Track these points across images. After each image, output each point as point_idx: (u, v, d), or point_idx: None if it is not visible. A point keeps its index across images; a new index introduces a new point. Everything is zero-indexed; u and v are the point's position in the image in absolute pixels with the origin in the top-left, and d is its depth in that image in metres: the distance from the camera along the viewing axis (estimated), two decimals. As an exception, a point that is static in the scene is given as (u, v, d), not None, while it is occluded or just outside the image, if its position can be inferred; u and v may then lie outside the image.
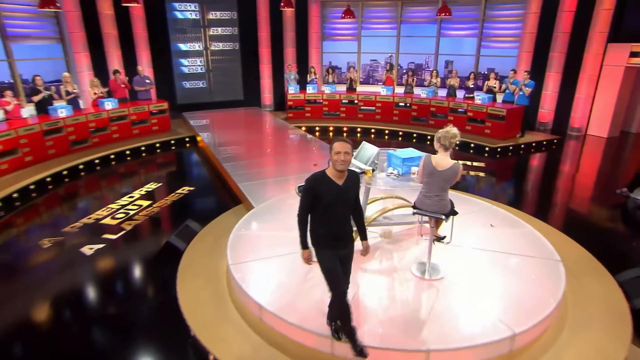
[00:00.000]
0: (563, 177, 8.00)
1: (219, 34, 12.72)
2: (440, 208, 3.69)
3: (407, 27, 13.65)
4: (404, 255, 4.23)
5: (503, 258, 4.21)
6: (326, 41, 14.09)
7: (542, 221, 5.47)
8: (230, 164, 7.15)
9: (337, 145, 2.61)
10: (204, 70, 12.81)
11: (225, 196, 6.36)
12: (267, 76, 13.31)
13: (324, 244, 2.76)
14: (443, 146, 3.59)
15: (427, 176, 3.64)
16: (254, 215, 5.15)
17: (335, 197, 2.67)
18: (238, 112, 12.44)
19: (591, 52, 10.40)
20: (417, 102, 11.18)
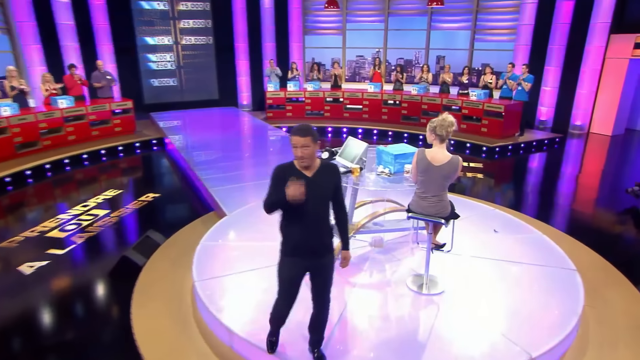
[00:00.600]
0: (567, 178, 7.96)
1: (191, 26, 12.49)
2: (439, 210, 3.45)
3: (396, 19, 13.58)
4: (397, 266, 4.05)
5: (510, 267, 4.04)
6: (308, 35, 13.96)
7: (548, 225, 5.32)
8: (201, 167, 6.97)
9: (293, 139, 2.39)
10: (174, 66, 12.60)
11: (196, 203, 6.15)
12: (245, 73, 13.09)
13: (288, 250, 2.54)
14: (439, 137, 3.36)
15: (423, 173, 3.40)
16: (226, 223, 4.93)
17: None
18: (212, 113, 12.26)
19: (593, 44, 10.41)
20: (408, 100, 11.06)
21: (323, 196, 2.52)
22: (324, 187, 2.51)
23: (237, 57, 12.86)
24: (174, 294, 3.91)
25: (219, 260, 4.12)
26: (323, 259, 2.59)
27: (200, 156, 7.63)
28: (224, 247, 4.41)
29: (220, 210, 5.38)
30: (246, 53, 12.86)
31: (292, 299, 2.66)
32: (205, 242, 4.48)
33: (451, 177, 3.38)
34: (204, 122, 10.94)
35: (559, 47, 10.76)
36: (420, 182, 3.46)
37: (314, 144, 2.41)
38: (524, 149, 9.52)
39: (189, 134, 9.59)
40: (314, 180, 2.46)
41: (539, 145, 9.80)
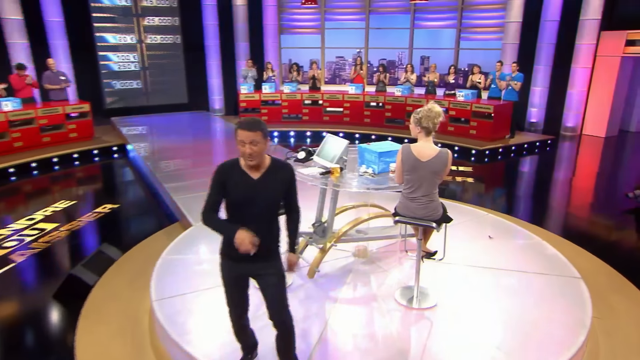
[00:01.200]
0: (562, 181, 8.02)
1: (156, 24, 12.25)
2: (430, 212, 3.29)
3: (377, 17, 13.61)
4: (384, 278, 3.90)
5: (508, 277, 3.92)
6: (285, 34, 13.86)
7: (546, 230, 5.26)
8: (166, 175, 6.80)
9: (240, 133, 2.23)
10: (138, 67, 12.30)
11: (159, 214, 6.00)
12: (216, 75, 12.91)
13: (227, 252, 2.44)
14: (425, 129, 3.23)
15: (409, 171, 3.26)
16: (193, 234, 4.74)
17: (245, 195, 2.33)
18: (181, 117, 12.05)
19: (583, 42, 10.55)
20: (391, 101, 11.02)
21: (271, 200, 2.39)
22: (273, 190, 2.37)
23: (208, 58, 12.67)
24: (128, 316, 3.63)
25: (183, 276, 3.91)
26: (266, 265, 2.44)
27: (166, 163, 7.48)
28: (189, 261, 4.20)
29: (186, 220, 5.19)
30: (217, 53, 12.68)
31: (240, 303, 2.56)
32: (167, 256, 4.26)
33: (441, 173, 3.24)
34: (171, 127, 10.73)
35: (548, 44, 10.88)
36: (408, 182, 3.31)
37: (264, 140, 2.27)
38: (515, 151, 9.55)
39: (154, 141, 9.38)
40: (261, 182, 2.34)
41: (531, 147, 9.85)
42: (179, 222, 5.39)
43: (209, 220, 2.37)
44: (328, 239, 3.89)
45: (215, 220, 2.37)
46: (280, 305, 2.48)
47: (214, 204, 2.36)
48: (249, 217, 2.32)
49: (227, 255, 2.45)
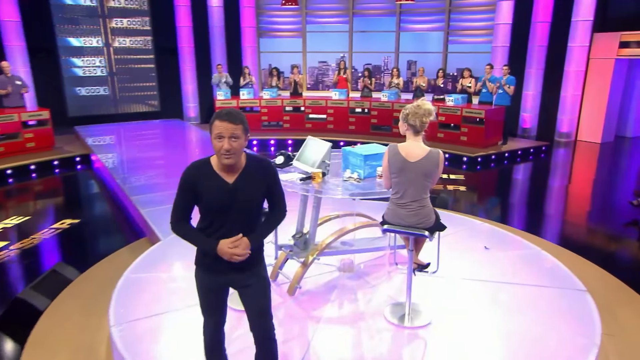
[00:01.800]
0: (558, 189, 8.06)
1: (125, 26, 12.15)
2: (421, 219, 3.17)
3: (361, 20, 13.67)
4: (372, 294, 3.78)
5: (508, 290, 3.83)
6: (264, 38, 13.84)
7: (545, 239, 5.20)
8: (133, 186, 6.69)
9: (218, 125, 2.06)
10: (105, 72, 12.18)
11: (125, 229, 5.86)
12: (190, 80, 12.79)
13: (201, 262, 2.30)
14: (412, 128, 3.14)
15: (398, 174, 3.15)
16: (160, 250, 4.60)
17: (221, 202, 2.16)
18: (152, 126, 11.94)
19: (576, 43, 10.66)
20: (377, 107, 11.00)
21: (251, 206, 2.23)
22: (252, 195, 2.20)
23: (182, 62, 12.56)
24: (82, 346, 3.37)
25: (149, 297, 3.72)
26: (250, 275, 2.30)
27: (134, 175, 7.38)
28: (155, 279, 4.01)
29: (154, 235, 5.02)
30: (192, 57, 12.58)
31: (218, 310, 2.39)
32: (130, 275, 4.06)
33: (433, 176, 3.14)
34: (141, 136, 10.59)
35: (539, 47, 10.99)
36: (396, 185, 3.19)
37: (245, 135, 2.11)
38: (508, 158, 9.59)
39: (122, 151, 9.29)
40: (238, 187, 2.16)
41: (525, 154, 9.90)
42: (147, 238, 5.23)
43: (180, 231, 2.23)
44: (310, 251, 3.76)
45: (188, 230, 2.22)
46: (264, 317, 2.35)
47: (184, 211, 2.20)
48: (227, 224, 2.17)
49: (203, 266, 2.30)
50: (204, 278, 2.32)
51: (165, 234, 4.88)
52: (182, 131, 11.46)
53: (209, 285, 2.32)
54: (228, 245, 2.13)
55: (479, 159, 9.10)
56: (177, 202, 2.21)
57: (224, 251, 2.14)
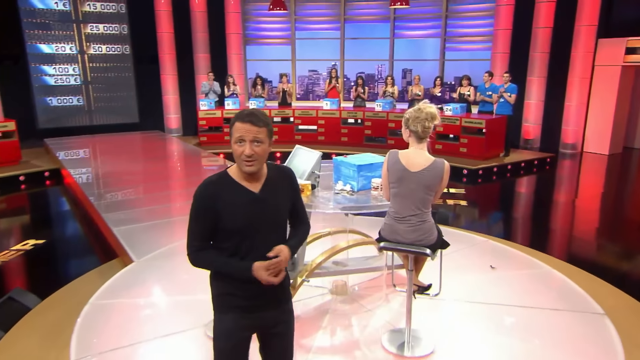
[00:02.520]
0: (565, 203, 8.02)
1: (101, 32, 12.15)
2: (422, 236, 3.06)
3: (354, 26, 13.70)
4: (368, 320, 3.68)
5: (518, 314, 3.75)
6: (250, 45, 13.82)
7: (554, 257, 5.06)
8: (106, 203, 6.63)
9: (240, 127, 1.92)
10: (79, 81, 12.14)
11: (96, 249, 5.74)
12: (172, 90, 12.76)
13: (226, 303, 2.07)
14: (414, 134, 3.07)
15: (397, 184, 3.05)
16: (133, 273, 4.51)
17: (248, 215, 1.99)
18: (130, 138, 11.92)
19: (579, 50, 10.73)
20: (371, 117, 10.97)
21: (279, 218, 2.09)
22: (280, 204, 2.06)
23: (163, 71, 12.51)
24: (40, 382, 3.16)
25: (117, 326, 3.59)
26: (278, 312, 2.13)
27: (108, 191, 7.36)
28: (126, 306, 3.89)
29: (127, 256, 4.89)
30: (174, 65, 12.56)
31: None
32: (97, 301, 3.92)
33: (435, 188, 3.03)
34: (118, 150, 10.53)
35: (541, 54, 11.03)
36: (395, 198, 3.08)
37: (269, 140, 1.97)
38: (511, 171, 9.55)
39: (96, 165, 9.24)
40: (265, 196, 2.01)
41: (528, 166, 9.86)
42: (118, 259, 5.09)
43: (205, 261, 2.02)
44: (298, 273, 3.64)
45: (214, 258, 2.01)
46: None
47: (203, 238, 2.01)
48: (256, 242, 2.00)
49: (232, 308, 2.06)
50: (230, 327, 2.07)
51: (139, 255, 4.79)
52: (162, 144, 11.40)
53: (237, 335, 2.08)
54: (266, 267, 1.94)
55: (479, 171, 9.05)
56: (193, 229, 2.01)
57: (260, 276, 1.94)
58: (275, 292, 2.07)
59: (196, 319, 3.57)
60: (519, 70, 10.95)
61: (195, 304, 3.77)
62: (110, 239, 5.51)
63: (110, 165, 9.12)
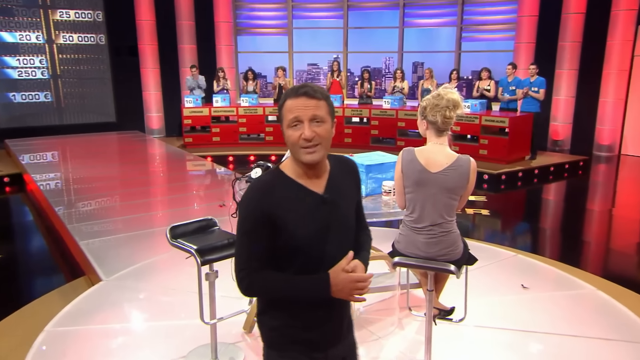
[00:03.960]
0: (602, 213, 7.97)
1: (72, 19, 12.20)
2: (445, 249, 3.00)
3: (358, 14, 13.68)
4: (379, 350, 3.55)
5: (559, 344, 3.62)
6: (242, 35, 13.79)
7: (597, 276, 4.93)
8: (73, 212, 6.63)
9: (291, 105, 1.72)
10: (46, 75, 12.20)
11: (62, 267, 5.70)
12: (154, 86, 12.77)
13: (288, 337, 1.86)
14: (433, 126, 2.96)
15: (413, 188, 2.95)
16: (98, 294, 4.41)
17: (315, 223, 1.79)
18: (106, 140, 12.00)
19: (617, 38, 10.63)
20: (379, 116, 10.94)
21: (349, 224, 1.89)
22: (348, 209, 1.88)
23: (143, 64, 12.52)
24: None
25: (80, 359, 3.50)
26: (347, 346, 1.97)
27: (78, 199, 7.36)
28: (90, 334, 3.78)
29: (94, 273, 4.81)
30: (155, 58, 12.55)
31: None
32: (54, 328, 3.79)
33: (460, 192, 2.94)
34: (91, 153, 10.51)
35: (572, 43, 10.96)
36: (411, 203, 2.98)
37: (332, 120, 1.76)
38: (538, 176, 9.47)
39: (65, 170, 9.26)
40: (332, 199, 1.81)
41: (558, 171, 9.78)
42: (85, 277, 5.02)
43: (265, 285, 1.79)
44: None
45: (277, 279, 1.78)
46: None
47: (260, 258, 1.77)
48: (326, 259, 1.79)
49: (296, 344, 1.85)
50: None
51: (108, 273, 4.71)
52: (142, 146, 11.39)
53: None
54: (344, 267, 1.72)
55: (502, 176, 8.97)
56: (247, 247, 1.77)
57: (343, 283, 1.72)
58: (343, 319, 1.91)
59: (178, 348, 3.48)
60: (547, 63, 10.87)
61: (177, 331, 3.70)
62: (77, 254, 5.44)
63: (81, 170, 9.11)
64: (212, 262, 3.01)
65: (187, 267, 3.61)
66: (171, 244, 3.14)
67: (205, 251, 2.97)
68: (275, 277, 1.78)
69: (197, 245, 2.98)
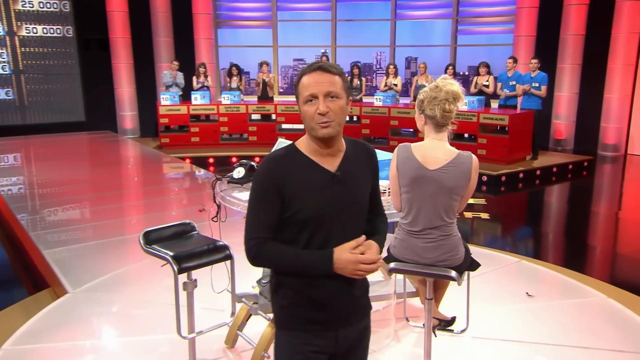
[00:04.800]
0: (608, 215, 8.03)
1: (36, 9, 12.22)
2: (445, 254, 2.97)
3: (347, 6, 13.76)
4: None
5: (570, 356, 3.61)
6: (223, 28, 13.83)
7: (606, 283, 4.96)
8: (36, 219, 6.65)
9: (307, 82, 1.87)
10: (7, 70, 12.28)
11: (23, 279, 5.73)
12: (127, 82, 12.80)
13: (297, 317, 2.01)
14: (431, 120, 2.96)
15: (410, 187, 2.94)
16: (63, 308, 4.34)
17: (325, 199, 1.94)
18: (74, 141, 12.03)
19: (622, 30, 10.71)
20: (370, 114, 11.04)
21: (360, 205, 2.03)
22: (360, 190, 2.02)
23: (115, 58, 12.53)
24: None
25: None
26: (359, 329, 2.07)
27: (42, 205, 7.38)
28: (54, 353, 3.72)
29: (59, 285, 4.77)
30: (129, 52, 12.55)
31: None
32: (12, 347, 3.72)
33: (461, 191, 2.91)
34: (58, 155, 10.54)
35: (575, 36, 11.07)
36: (407, 204, 2.95)
37: (347, 96, 1.91)
38: (540, 177, 9.52)
39: (29, 173, 9.33)
40: (344, 178, 1.96)
41: (561, 172, 9.85)
42: (49, 290, 4.95)
43: (271, 256, 1.95)
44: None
45: (283, 251, 1.93)
46: None
47: (269, 228, 1.94)
48: (333, 237, 1.94)
49: (304, 323, 1.98)
50: (294, 343, 1.99)
51: (75, 284, 4.66)
52: (114, 147, 11.43)
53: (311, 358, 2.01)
54: (352, 248, 1.88)
55: (502, 177, 9.01)
56: (257, 217, 1.94)
57: (346, 261, 1.87)
58: (350, 303, 2.01)
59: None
60: (548, 57, 10.92)
61: (152, 347, 3.65)
62: (41, 264, 5.39)
63: (46, 173, 9.14)
64: (190, 270, 2.94)
65: (163, 277, 3.57)
66: (145, 250, 3.07)
67: (183, 258, 2.90)
68: (282, 248, 1.92)
69: (173, 251, 2.92)
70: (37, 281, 5.33)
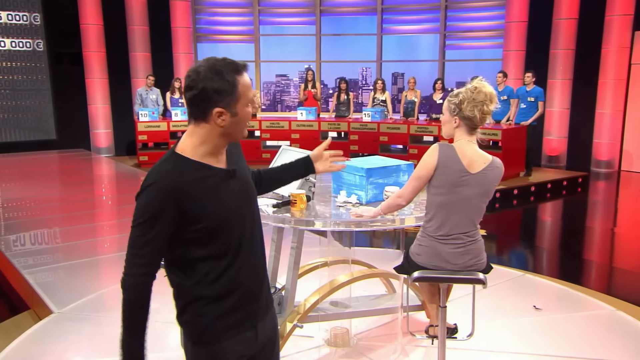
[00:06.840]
0: (603, 231, 8.13)
1: (4, 21, 12.19)
2: (473, 259, 3.02)
3: (332, 21, 13.87)
4: None
5: None
6: (203, 43, 13.89)
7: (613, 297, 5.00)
8: (6, 239, 6.63)
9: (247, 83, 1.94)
10: None
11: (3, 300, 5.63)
12: (102, 99, 12.73)
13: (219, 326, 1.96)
14: (467, 122, 2.94)
15: (448, 190, 2.93)
16: (46, 331, 4.34)
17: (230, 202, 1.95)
18: (44, 159, 11.98)
19: (612, 45, 10.91)
20: (358, 130, 11.07)
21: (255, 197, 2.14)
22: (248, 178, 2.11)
23: (88, 74, 12.46)
24: None
25: None
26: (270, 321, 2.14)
27: (14, 226, 7.40)
28: None
29: (42, 306, 4.78)
30: (103, 67, 12.51)
31: None
32: None
33: (491, 196, 3.02)
34: (27, 175, 10.48)
35: (565, 51, 11.23)
36: (439, 209, 2.95)
37: None
38: (535, 193, 9.60)
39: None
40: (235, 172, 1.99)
41: (555, 188, 9.94)
42: (30, 311, 4.96)
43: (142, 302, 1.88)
44: (286, 317, 3.50)
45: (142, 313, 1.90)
46: None
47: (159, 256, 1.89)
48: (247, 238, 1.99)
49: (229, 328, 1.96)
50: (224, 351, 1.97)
51: (60, 304, 4.64)
52: (88, 166, 11.41)
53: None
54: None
55: (496, 194, 8.96)
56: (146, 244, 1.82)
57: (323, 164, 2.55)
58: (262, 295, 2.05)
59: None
60: (539, 72, 10.93)
61: None
62: (18, 285, 5.37)
63: (15, 192, 9.13)
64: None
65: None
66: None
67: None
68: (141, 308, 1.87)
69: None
70: (13, 304, 5.27)
